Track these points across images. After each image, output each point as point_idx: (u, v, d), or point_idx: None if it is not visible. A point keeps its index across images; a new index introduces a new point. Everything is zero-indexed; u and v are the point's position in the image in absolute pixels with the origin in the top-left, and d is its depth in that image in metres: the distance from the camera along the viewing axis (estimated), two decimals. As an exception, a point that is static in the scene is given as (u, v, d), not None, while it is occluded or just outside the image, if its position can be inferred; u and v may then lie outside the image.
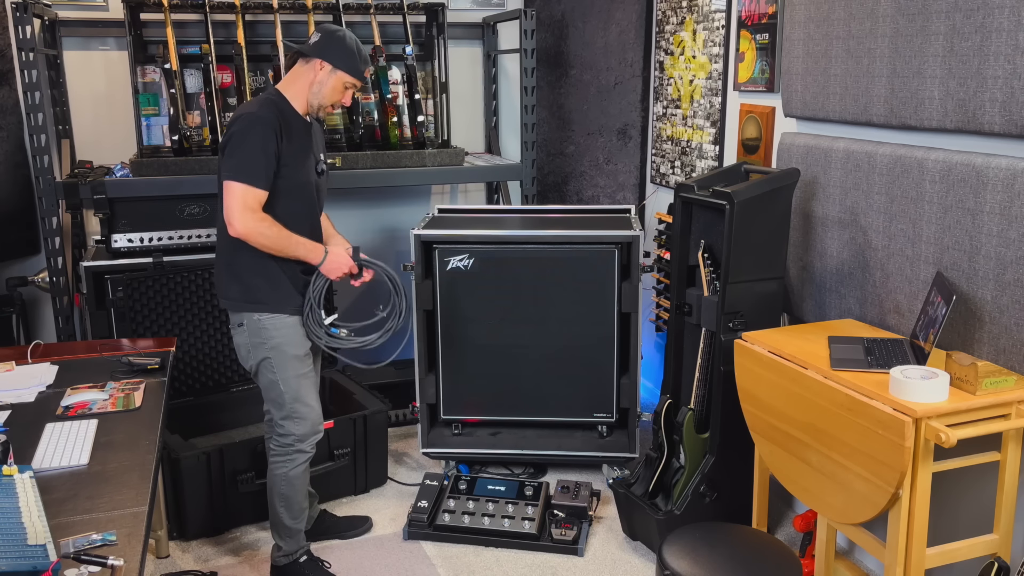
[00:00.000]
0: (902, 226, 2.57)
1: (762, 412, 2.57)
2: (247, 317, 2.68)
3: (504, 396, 3.50)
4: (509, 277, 3.39)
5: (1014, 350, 2.24)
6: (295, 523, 2.83)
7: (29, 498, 1.73)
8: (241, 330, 2.70)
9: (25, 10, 3.23)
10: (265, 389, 2.75)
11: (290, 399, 2.72)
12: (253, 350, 2.70)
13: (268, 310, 2.66)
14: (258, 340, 2.68)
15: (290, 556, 2.85)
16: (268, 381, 2.72)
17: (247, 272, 2.65)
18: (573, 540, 3.05)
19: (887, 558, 2.21)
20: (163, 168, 3.52)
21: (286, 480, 2.78)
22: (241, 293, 2.67)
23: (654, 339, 4.11)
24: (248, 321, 2.68)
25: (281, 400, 2.72)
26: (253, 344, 2.69)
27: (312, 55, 2.64)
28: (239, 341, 2.73)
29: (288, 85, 2.68)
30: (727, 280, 2.79)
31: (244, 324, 2.69)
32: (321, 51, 2.63)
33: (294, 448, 2.76)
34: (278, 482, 2.79)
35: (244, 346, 2.72)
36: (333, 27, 2.71)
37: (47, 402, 2.40)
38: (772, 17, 3.14)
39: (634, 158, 4.24)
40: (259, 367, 2.71)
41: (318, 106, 2.69)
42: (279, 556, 2.87)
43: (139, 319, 3.38)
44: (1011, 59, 2.18)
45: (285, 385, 2.71)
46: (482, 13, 4.42)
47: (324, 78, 2.65)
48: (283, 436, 2.76)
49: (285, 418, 2.74)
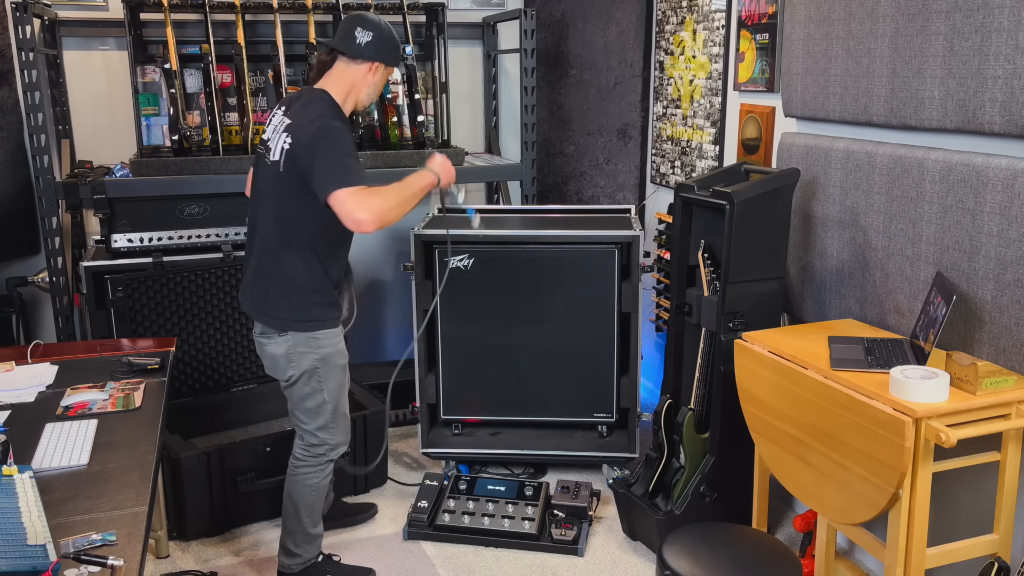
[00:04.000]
0: (902, 226, 2.57)
1: (762, 412, 2.57)
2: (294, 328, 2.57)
3: (504, 396, 3.50)
4: (509, 277, 3.39)
5: (1014, 350, 2.24)
6: (316, 529, 2.78)
7: (29, 498, 1.73)
8: (283, 339, 2.57)
9: (25, 10, 3.23)
10: (302, 399, 2.64)
11: (331, 409, 2.66)
12: (298, 360, 2.58)
13: (323, 326, 2.59)
14: (305, 350, 2.58)
15: (308, 561, 2.79)
16: (310, 391, 2.62)
17: (301, 290, 2.55)
18: (573, 540, 3.05)
19: (887, 558, 2.21)
20: (163, 168, 3.52)
21: (315, 491, 2.72)
22: (293, 312, 2.56)
23: (654, 339, 4.11)
24: (295, 332, 2.57)
25: (321, 410, 2.65)
26: (298, 354, 2.58)
27: (366, 57, 2.54)
28: (276, 351, 2.59)
29: (334, 85, 2.56)
30: (727, 280, 2.79)
31: (289, 332, 2.56)
32: (376, 53, 2.54)
33: (326, 458, 2.72)
34: (306, 493, 2.71)
35: (284, 356, 2.59)
36: (374, 20, 2.56)
37: (47, 402, 2.40)
38: (772, 17, 3.14)
39: (634, 158, 4.24)
40: (301, 377, 2.61)
41: (364, 105, 2.63)
42: (296, 563, 2.77)
43: (139, 319, 3.38)
44: (1011, 59, 2.18)
45: (329, 395, 2.64)
46: (482, 13, 4.42)
47: (379, 79, 2.58)
48: (316, 447, 2.69)
49: (321, 428, 2.67)
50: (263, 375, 3.65)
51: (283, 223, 2.52)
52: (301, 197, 2.45)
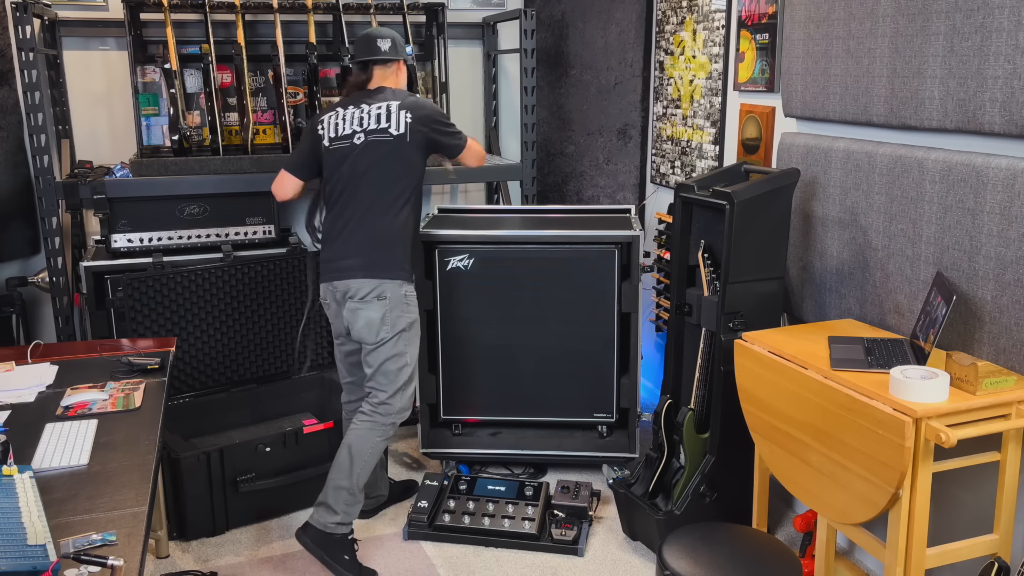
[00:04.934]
0: (902, 226, 2.57)
1: (762, 412, 2.57)
2: (392, 289, 2.87)
3: (504, 396, 3.50)
4: (509, 277, 3.39)
5: (1014, 350, 2.24)
6: (361, 495, 2.91)
7: (29, 498, 1.73)
8: (381, 303, 2.87)
9: (25, 10, 3.23)
10: (385, 361, 2.89)
11: (410, 372, 2.93)
12: (394, 321, 2.88)
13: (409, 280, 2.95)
14: (400, 312, 2.89)
15: (345, 526, 2.87)
16: (396, 353, 2.89)
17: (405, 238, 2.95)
18: (573, 540, 3.05)
19: (887, 558, 2.21)
20: (163, 168, 3.52)
21: (375, 448, 2.89)
22: (396, 262, 2.91)
23: (654, 339, 4.11)
24: (393, 293, 2.88)
25: (401, 373, 2.90)
26: (395, 316, 2.88)
27: (394, 58, 3.06)
28: (373, 315, 2.86)
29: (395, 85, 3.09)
30: (727, 280, 2.79)
31: (387, 297, 2.87)
32: (398, 52, 3.06)
33: (390, 419, 2.91)
34: (367, 447, 2.87)
35: (378, 319, 2.86)
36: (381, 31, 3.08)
37: (47, 402, 2.40)
38: (772, 17, 3.14)
39: (634, 158, 4.24)
40: (392, 339, 2.88)
41: None
42: (333, 521, 2.84)
43: (139, 319, 3.38)
44: (1011, 59, 2.18)
45: (412, 358, 2.94)
46: (482, 13, 4.42)
47: (404, 72, 3.14)
48: (386, 405, 2.89)
49: (397, 392, 2.90)
50: (263, 375, 3.68)
51: (396, 182, 2.95)
52: (417, 157, 2.99)
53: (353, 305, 2.90)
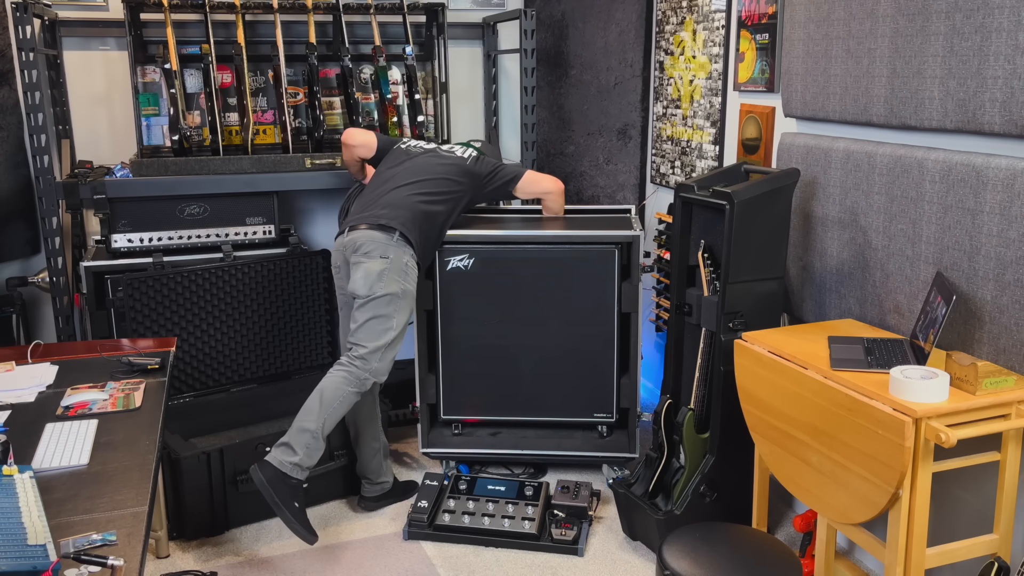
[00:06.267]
0: (902, 226, 2.57)
1: (762, 412, 2.57)
2: (396, 252, 3.02)
3: (504, 396, 3.50)
4: (509, 277, 3.39)
5: (1014, 350, 2.24)
6: (322, 443, 2.92)
7: (29, 498, 1.74)
8: (383, 260, 2.99)
9: (25, 10, 3.23)
10: (372, 319, 2.97)
11: (392, 337, 2.99)
12: (387, 281, 2.97)
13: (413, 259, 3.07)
14: (396, 276, 3.00)
15: (301, 470, 2.87)
16: (384, 314, 2.98)
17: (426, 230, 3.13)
18: (573, 540, 3.05)
19: (887, 558, 2.21)
20: (163, 168, 3.52)
21: (345, 397, 2.94)
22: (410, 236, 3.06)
23: (654, 339, 4.11)
24: (396, 256, 3.01)
25: (385, 335, 2.98)
26: (391, 277, 2.99)
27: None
28: (371, 267, 2.98)
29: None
30: (727, 280, 2.79)
31: (390, 257, 3.00)
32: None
33: (366, 377, 2.97)
34: (340, 398, 2.93)
35: (376, 272, 2.97)
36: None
37: (47, 402, 2.40)
38: (772, 17, 3.14)
39: (634, 158, 4.24)
40: (383, 298, 2.97)
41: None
42: (291, 463, 2.86)
43: (139, 319, 3.38)
44: (1011, 59, 2.18)
45: (398, 325, 3.01)
46: (482, 13, 4.42)
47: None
48: (366, 362, 2.96)
49: (375, 351, 2.97)
50: (263, 375, 3.68)
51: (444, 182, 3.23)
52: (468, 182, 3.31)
53: (356, 258, 3.03)
